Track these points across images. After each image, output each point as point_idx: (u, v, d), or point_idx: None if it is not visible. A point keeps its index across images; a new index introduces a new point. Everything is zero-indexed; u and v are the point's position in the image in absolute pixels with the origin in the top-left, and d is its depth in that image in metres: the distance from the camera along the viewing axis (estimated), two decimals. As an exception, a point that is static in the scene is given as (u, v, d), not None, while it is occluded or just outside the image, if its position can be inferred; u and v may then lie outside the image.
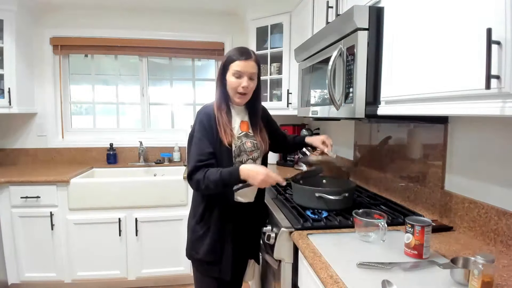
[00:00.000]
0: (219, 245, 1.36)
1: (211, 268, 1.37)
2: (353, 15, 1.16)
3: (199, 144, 1.30)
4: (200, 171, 1.26)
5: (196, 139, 1.31)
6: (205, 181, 1.23)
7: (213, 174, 1.23)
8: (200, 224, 1.38)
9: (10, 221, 2.24)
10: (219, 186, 1.23)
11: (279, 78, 2.55)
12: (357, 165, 2.07)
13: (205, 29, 2.96)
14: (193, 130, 1.37)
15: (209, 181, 1.22)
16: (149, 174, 2.85)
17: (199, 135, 1.31)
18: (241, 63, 1.28)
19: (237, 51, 1.32)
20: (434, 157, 1.39)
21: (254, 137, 1.42)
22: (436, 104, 0.91)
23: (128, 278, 2.39)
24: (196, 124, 1.34)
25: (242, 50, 1.32)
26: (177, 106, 3.15)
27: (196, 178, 1.26)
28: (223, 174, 1.22)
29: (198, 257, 1.38)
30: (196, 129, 1.33)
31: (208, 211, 1.37)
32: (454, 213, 1.27)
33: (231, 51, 1.34)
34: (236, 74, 1.29)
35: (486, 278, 0.74)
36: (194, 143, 1.32)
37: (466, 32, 0.79)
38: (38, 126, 2.83)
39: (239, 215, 1.39)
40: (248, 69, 1.29)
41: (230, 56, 1.32)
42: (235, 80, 1.30)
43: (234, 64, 1.29)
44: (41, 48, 2.76)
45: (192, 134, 1.37)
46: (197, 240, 1.38)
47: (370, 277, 0.88)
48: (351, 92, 1.24)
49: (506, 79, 0.68)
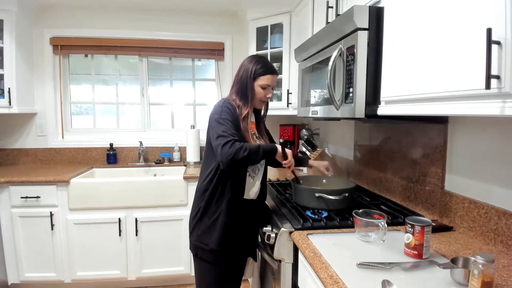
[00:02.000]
0: (228, 233, 1.38)
1: (220, 258, 1.39)
2: (353, 15, 1.16)
3: (225, 124, 1.32)
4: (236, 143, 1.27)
5: (222, 119, 1.33)
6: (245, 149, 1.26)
7: (253, 146, 1.30)
8: (207, 215, 1.39)
9: (10, 221, 2.24)
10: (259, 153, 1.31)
11: (279, 78, 2.55)
12: (357, 165, 2.07)
13: (205, 29, 2.97)
14: (214, 114, 1.37)
15: (250, 149, 1.28)
16: (149, 174, 2.85)
17: (224, 116, 1.33)
18: (271, 77, 1.44)
19: (266, 65, 1.44)
20: (434, 157, 1.39)
21: (260, 140, 1.51)
22: (436, 104, 0.91)
23: (128, 278, 2.39)
24: (222, 109, 1.35)
25: (270, 65, 1.47)
26: (177, 106, 3.15)
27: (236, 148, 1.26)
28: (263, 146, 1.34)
29: (207, 248, 1.38)
30: (221, 112, 1.34)
31: (214, 200, 1.38)
32: (454, 213, 1.28)
33: (258, 62, 1.44)
34: (264, 86, 1.43)
35: (486, 278, 0.74)
36: (221, 120, 1.32)
37: (466, 32, 0.79)
38: (38, 126, 2.83)
39: (244, 211, 1.42)
40: (274, 82, 1.47)
41: (259, 68, 1.43)
42: (262, 91, 1.44)
43: (264, 78, 1.43)
44: (41, 48, 2.76)
45: (214, 116, 1.36)
46: (205, 232, 1.39)
47: (370, 277, 0.88)
48: (351, 92, 1.24)
49: (506, 79, 0.68)
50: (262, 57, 1.49)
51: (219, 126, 1.31)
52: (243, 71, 1.44)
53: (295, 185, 1.52)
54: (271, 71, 1.45)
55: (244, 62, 1.48)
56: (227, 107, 1.36)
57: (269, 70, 1.45)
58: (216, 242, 1.37)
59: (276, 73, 1.47)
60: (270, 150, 1.35)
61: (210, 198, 1.39)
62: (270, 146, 1.37)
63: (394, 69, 1.10)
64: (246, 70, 1.44)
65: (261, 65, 1.43)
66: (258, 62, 1.44)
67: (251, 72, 1.42)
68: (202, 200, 1.40)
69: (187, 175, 2.38)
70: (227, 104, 1.38)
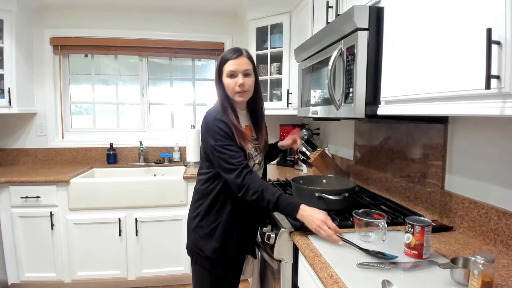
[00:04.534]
0: (226, 244, 1.35)
1: (215, 265, 1.36)
2: (353, 15, 1.16)
3: (229, 148, 1.24)
4: (251, 176, 1.21)
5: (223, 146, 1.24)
6: (258, 194, 1.19)
7: (269, 192, 1.19)
8: (206, 222, 1.34)
9: (10, 221, 2.24)
10: (270, 206, 1.19)
11: (279, 78, 2.55)
12: (357, 165, 2.07)
13: (205, 29, 2.97)
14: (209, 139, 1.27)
15: (263, 197, 1.19)
16: (149, 174, 2.85)
17: (224, 142, 1.24)
18: (233, 61, 1.27)
19: (227, 51, 1.31)
20: (434, 157, 1.39)
21: (257, 141, 1.42)
22: (436, 104, 0.91)
23: (128, 278, 2.39)
24: (216, 133, 1.25)
25: (232, 49, 1.31)
26: (177, 106, 3.15)
27: (249, 184, 1.20)
28: (281, 200, 1.18)
29: (203, 255, 1.35)
30: (217, 138, 1.25)
31: (216, 208, 1.34)
32: (454, 213, 1.28)
33: (224, 53, 1.33)
34: (230, 74, 1.28)
35: (486, 278, 0.74)
36: (224, 149, 1.23)
37: (466, 32, 0.79)
38: (38, 126, 2.83)
39: (245, 215, 1.38)
40: (241, 66, 1.28)
41: (221, 58, 1.31)
42: (231, 80, 1.28)
43: (227, 65, 1.28)
44: (41, 48, 2.76)
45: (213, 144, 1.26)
46: (202, 239, 1.35)
47: (370, 277, 0.88)
48: (351, 92, 1.24)
49: (506, 79, 0.68)
50: (231, 48, 1.34)
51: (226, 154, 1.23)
52: (216, 69, 1.34)
53: (295, 185, 1.52)
54: (231, 55, 1.28)
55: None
56: (218, 129, 1.25)
57: (228, 55, 1.28)
58: (212, 251, 1.33)
59: (241, 55, 1.28)
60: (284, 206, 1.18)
61: (211, 204, 1.33)
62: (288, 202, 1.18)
63: (394, 69, 1.10)
64: (217, 66, 1.33)
65: (224, 53, 1.31)
66: (223, 53, 1.32)
67: (217, 69, 1.32)
68: (202, 204, 1.35)
69: (187, 175, 2.38)
70: (217, 123, 1.26)
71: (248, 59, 1.31)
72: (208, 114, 1.33)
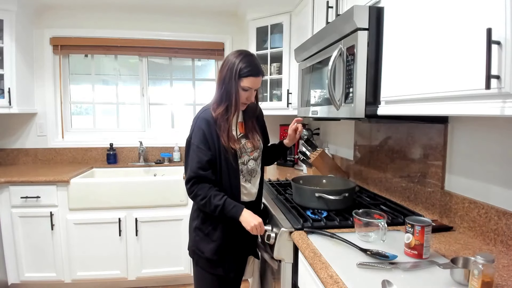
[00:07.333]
0: (225, 245, 1.37)
1: (215, 266, 1.38)
2: (353, 15, 1.16)
3: (197, 152, 1.31)
4: (201, 185, 1.30)
5: (194, 147, 1.32)
6: (206, 200, 1.28)
7: (216, 198, 1.28)
8: (206, 223, 1.38)
9: (10, 221, 2.24)
10: (217, 210, 1.28)
11: (279, 78, 2.55)
12: (357, 165, 2.07)
13: (205, 29, 2.97)
14: (190, 136, 1.37)
15: (211, 203, 1.28)
16: (149, 174, 2.85)
17: (197, 143, 1.31)
18: (254, 79, 1.32)
19: (250, 66, 1.30)
20: (434, 157, 1.39)
21: (248, 137, 1.43)
22: (436, 104, 0.91)
23: (128, 278, 2.39)
24: (195, 131, 1.34)
25: (255, 66, 1.32)
26: (177, 106, 3.15)
27: (196, 191, 1.30)
28: (227, 203, 1.28)
29: (203, 256, 1.38)
30: (194, 136, 1.33)
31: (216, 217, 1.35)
32: (454, 213, 1.27)
33: (243, 61, 1.30)
34: (246, 88, 1.32)
35: (486, 278, 0.74)
36: (192, 150, 1.33)
37: (466, 32, 0.79)
38: (38, 126, 2.83)
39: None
40: (257, 85, 1.35)
41: (243, 69, 1.29)
42: (244, 93, 1.33)
43: (247, 80, 1.30)
44: (41, 48, 2.76)
45: (189, 140, 1.36)
46: (202, 240, 1.38)
47: (370, 277, 0.88)
48: (351, 92, 1.24)
49: (506, 79, 0.68)
50: (249, 55, 1.34)
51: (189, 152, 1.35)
52: (227, 69, 1.31)
53: (295, 185, 1.52)
54: (256, 72, 1.31)
55: (229, 57, 1.33)
56: (199, 127, 1.32)
57: (254, 71, 1.30)
58: (212, 252, 1.36)
59: (261, 75, 1.34)
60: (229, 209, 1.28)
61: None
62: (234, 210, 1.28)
63: (394, 69, 1.10)
64: (230, 70, 1.30)
65: (246, 65, 1.29)
66: (244, 61, 1.30)
67: (236, 72, 1.29)
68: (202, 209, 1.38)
69: (187, 175, 2.38)
70: (200, 122, 1.32)
71: (262, 77, 1.37)
72: (202, 109, 1.39)
